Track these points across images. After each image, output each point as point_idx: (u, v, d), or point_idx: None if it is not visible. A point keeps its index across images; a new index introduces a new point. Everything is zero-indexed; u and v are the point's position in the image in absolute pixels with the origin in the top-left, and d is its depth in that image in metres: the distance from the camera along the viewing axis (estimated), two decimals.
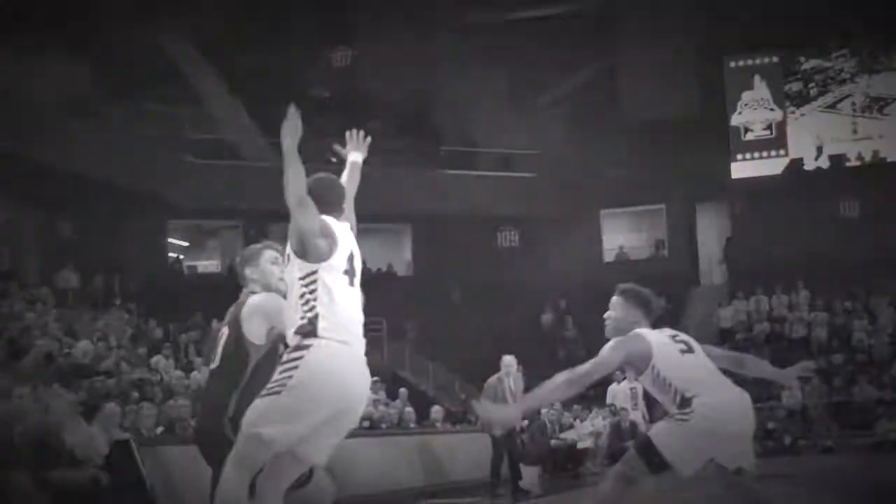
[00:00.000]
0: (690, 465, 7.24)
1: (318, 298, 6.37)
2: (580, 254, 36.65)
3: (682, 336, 7.56)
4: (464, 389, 29.02)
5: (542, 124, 38.55)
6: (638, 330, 7.49)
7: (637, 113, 37.33)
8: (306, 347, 6.28)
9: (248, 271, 7.41)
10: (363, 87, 39.77)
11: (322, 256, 6.44)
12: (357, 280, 6.62)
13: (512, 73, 39.55)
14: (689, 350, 7.44)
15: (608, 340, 7.53)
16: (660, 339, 7.45)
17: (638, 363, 7.38)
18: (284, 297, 6.86)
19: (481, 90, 38.94)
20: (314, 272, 6.43)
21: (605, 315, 7.68)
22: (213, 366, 7.31)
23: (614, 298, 7.71)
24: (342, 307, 6.41)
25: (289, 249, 6.57)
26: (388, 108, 40.20)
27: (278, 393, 6.25)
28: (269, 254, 7.38)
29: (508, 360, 17.99)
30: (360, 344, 6.49)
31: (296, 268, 6.49)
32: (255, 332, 7.09)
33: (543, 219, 36.97)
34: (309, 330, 6.30)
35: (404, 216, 36.04)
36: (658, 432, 7.30)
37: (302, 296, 6.42)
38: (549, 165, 37.31)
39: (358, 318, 6.55)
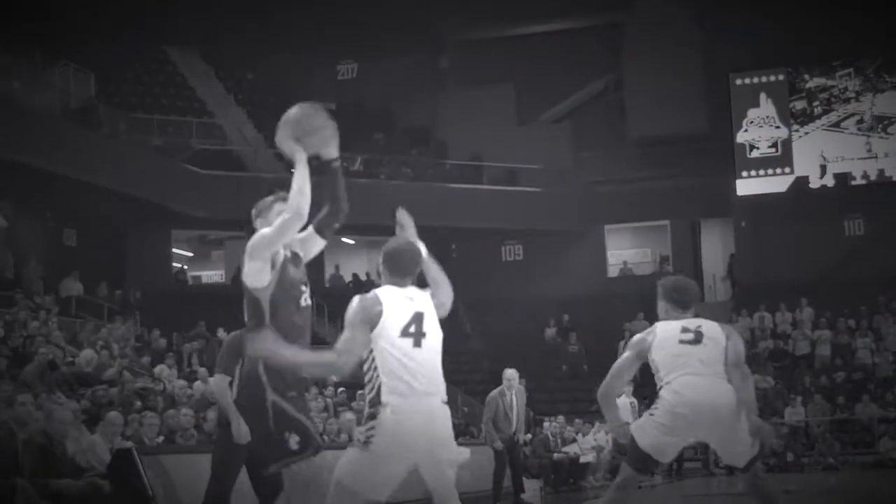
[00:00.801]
0: (665, 453, 7.68)
1: (379, 368, 6.48)
2: (584, 269, 36.72)
3: (704, 328, 7.77)
4: (466, 402, 29.07)
5: (548, 139, 38.65)
6: (658, 323, 7.96)
7: (643, 129, 37.47)
8: (375, 416, 6.41)
9: (258, 223, 7.44)
10: (369, 100, 39.91)
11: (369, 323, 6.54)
12: (426, 340, 6.62)
13: (519, 88, 39.67)
14: (694, 342, 7.69)
15: (612, 354, 7.85)
16: (667, 330, 7.84)
17: (644, 354, 7.83)
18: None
19: (488, 104, 39.05)
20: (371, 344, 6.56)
21: None
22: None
23: None
24: (405, 372, 6.46)
25: None
26: (394, 120, 40.33)
27: (361, 449, 6.42)
28: (279, 206, 7.38)
29: (511, 374, 17.94)
30: (429, 396, 6.52)
31: None
32: (254, 275, 7.12)
33: (548, 233, 37.02)
34: (376, 401, 6.43)
35: None
36: (635, 428, 7.73)
37: (367, 371, 6.55)
38: (554, 180, 37.35)
39: (428, 373, 6.57)
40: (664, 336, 7.77)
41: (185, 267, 37.47)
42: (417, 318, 6.63)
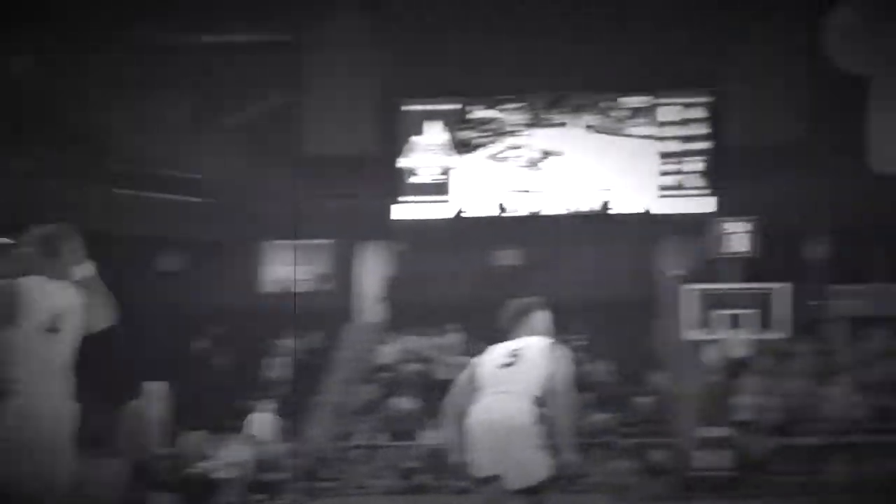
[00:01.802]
0: (476, 465, 7.73)
1: (10, 362, 6.37)
2: (240, 282, 36.70)
3: (524, 349, 8.07)
4: (104, 412, 28.49)
5: (223, 149, 38.35)
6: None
7: (315, 147, 37.54)
8: None
9: None
10: (42, 97, 38.63)
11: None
12: (63, 335, 6.62)
13: (198, 96, 39.17)
14: (510, 364, 7.96)
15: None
16: (488, 358, 8.22)
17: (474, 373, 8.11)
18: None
19: (164, 110, 38.42)
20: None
21: None
22: None
23: None
24: (30, 368, 6.39)
25: None
26: (61, 118, 39.12)
27: None
28: None
29: (151, 387, 17.92)
30: (49, 393, 6.44)
31: None
32: None
33: (207, 244, 36.79)
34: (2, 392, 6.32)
35: None
36: None
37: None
38: (223, 191, 37.13)
39: (54, 370, 6.53)
40: (485, 368, 8.10)
41: None
42: (59, 315, 6.61)
